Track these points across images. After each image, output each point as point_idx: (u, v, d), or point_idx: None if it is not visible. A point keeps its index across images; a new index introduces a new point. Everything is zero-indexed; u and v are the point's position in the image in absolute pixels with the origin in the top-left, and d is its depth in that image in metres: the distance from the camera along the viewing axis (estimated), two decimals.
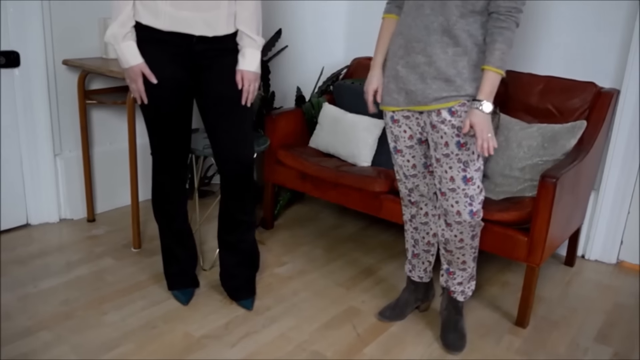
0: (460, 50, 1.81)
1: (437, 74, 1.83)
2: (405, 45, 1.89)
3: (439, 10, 1.81)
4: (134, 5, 1.93)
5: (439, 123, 1.87)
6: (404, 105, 1.94)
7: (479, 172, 1.91)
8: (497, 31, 1.76)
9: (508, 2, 1.74)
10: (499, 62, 1.76)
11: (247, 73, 2.02)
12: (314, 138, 3.00)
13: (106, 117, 3.05)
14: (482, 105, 1.76)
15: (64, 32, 2.78)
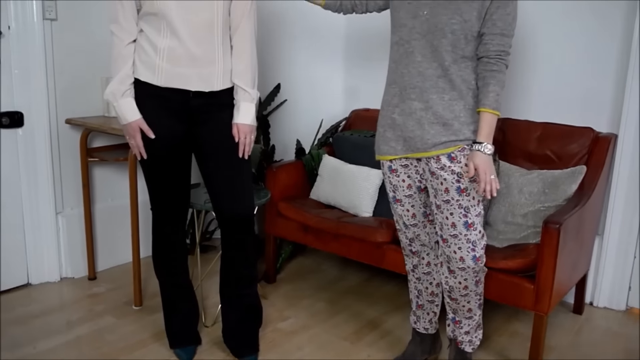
0: (456, 94, 1.85)
1: (435, 119, 1.86)
2: (399, 93, 1.92)
3: (431, 57, 1.85)
4: (134, 62, 1.98)
5: (439, 169, 1.87)
6: (403, 152, 1.95)
7: (479, 217, 1.90)
8: (489, 74, 1.81)
9: (496, 45, 1.80)
10: (494, 103, 1.80)
11: (242, 126, 2.05)
12: (315, 190, 3.01)
13: (108, 173, 3.07)
14: (483, 146, 1.79)
15: (67, 91, 2.83)
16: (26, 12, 2.62)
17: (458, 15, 1.79)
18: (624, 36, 2.55)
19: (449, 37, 1.81)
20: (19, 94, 2.68)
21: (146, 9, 1.92)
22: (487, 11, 1.79)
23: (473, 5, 1.78)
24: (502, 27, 1.79)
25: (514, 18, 1.81)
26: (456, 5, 1.80)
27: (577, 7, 2.63)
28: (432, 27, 1.82)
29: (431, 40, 1.83)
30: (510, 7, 1.79)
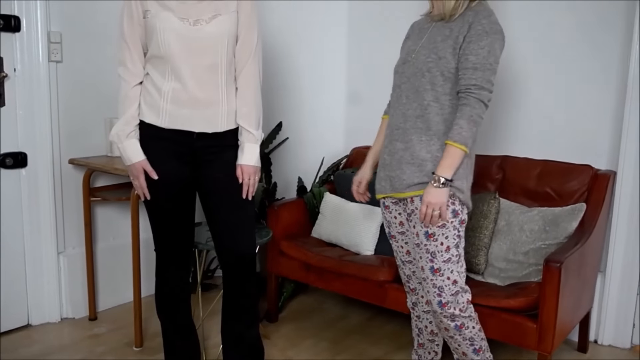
0: (432, 134, 1.86)
1: (412, 159, 1.88)
2: (389, 134, 1.98)
3: (413, 97, 1.89)
4: (140, 104, 2.02)
5: (412, 212, 1.91)
6: (390, 192, 1.98)
7: (449, 264, 1.87)
8: (459, 108, 1.81)
9: (467, 79, 1.79)
10: (456, 136, 1.78)
11: (246, 167, 2.06)
12: (317, 228, 3.01)
13: (110, 212, 3.08)
14: (435, 177, 1.78)
15: (71, 131, 2.87)
16: (32, 55, 2.68)
17: (434, 53, 1.84)
18: (621, 73, 2.59)
19: (426, 76, 1.84)
20: (23, 135, 2.71)
21: (152, 51, 1.97)
22: (461, 47, 1.81)
23: (447, 43, 1.83)
24: (474, 61, 1.78)
25: (491, 52, 1.79)
26: (434, 45, 1.86)
27: (573, 45, 2.68)
28: (414, 69, 1.89)
29: (414, 81, 1.89)
30: (484, 41, 1.78)
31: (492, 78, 1.80)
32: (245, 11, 2.04)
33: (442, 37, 1.85)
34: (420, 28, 2.00)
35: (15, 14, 2.61)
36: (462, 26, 1.81)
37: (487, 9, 1.84)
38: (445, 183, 1.78)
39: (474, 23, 1.80)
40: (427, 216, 1.80)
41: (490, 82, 1.80)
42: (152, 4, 1.95)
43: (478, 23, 1.80)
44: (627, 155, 2.59)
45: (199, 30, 1.95)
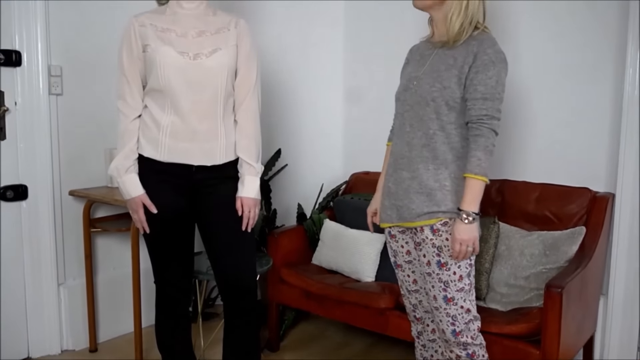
0: (439, 162, 1.85)
1: (420, 188, 1.87)
2: (393, 163, 1.97)
3: (417, 125, 1.88)
4: (138, 138, 2.03)
5: (422, 241, 1.89)
6: (396, 221, 1.96)
7: (462, 293, 1.87)
8: (472, 139, 1.80)
9: (478, 110, 1.79)
10: (476, 168, 1.77)
11: (246, 200, 2.07)
12: (317, 255, 3.01)
13: (110, 243, 3.08)
14: (463, 214, 1.78)
15: (71, 163, 2.88)
16: (33, 88, 2.70)
17: (438, 82, 1.83)
18: (616, 95, 2.60)
19: (431, 105, 1.84)
20: (23, 167, 2.73)
21: (151, 85, 1.99)
22: (467, 77, 1.81)
23: (452, 72, 1.82)
24: (483, 92, 1.79)
25: (498, 82, 1.80)
26: (438, 73, 1.85)
27: (570, 69, 2.70)
28: (417, 98, 1.88)
29: (417, 110, 1.88)
30: (491, 70, 1.79)
31: (500, 107, 1.82)
32: (245, 45, 2.07)
33: (446, 66, 1.84)
34: (421, 54, 1.99)
35: (17, 48, 2.65)
36: (467, 56, 1.81)
37: (491, 38, 1.84)
38: (474, 218, 1.78)
39: (479, 53, 1.80)
40: (460, 253, 1.78)
41: (499, 111, 1.82)
42: (152, 39, 1.98)
43: (484, 53, 1.80)
44: (625, 177, 2.59)
45: (199, 64, 1.97)
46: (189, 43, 2.00)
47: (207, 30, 2.04)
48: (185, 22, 2.03)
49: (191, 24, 2.03)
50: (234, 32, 2.07)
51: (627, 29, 2.49)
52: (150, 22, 2.01)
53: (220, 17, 2.09)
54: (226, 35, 2.05)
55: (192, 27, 2.03)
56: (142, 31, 1.99)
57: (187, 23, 2.03)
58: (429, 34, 2.05)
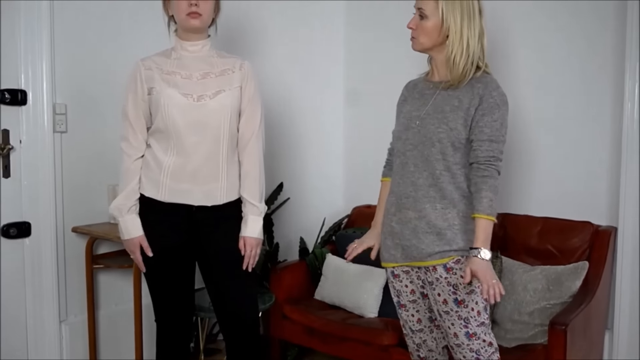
0: (447, 202, 1.86)
1: (429, 228, 1.87)
2: (396, 202, 1.96)
3: (423, 166, 1.89)
4: (140, 178, 2.05)
5: (435, 280, 1.88)
6: (402, 260, 1.96)
7: (482, 327, 1.87)
8: (480, 180, 1.82)
9: (485, 151, 1.81)
10: (488, 209, 1.79)
11: (249, 239, 2.08)
12: (319, 290, 3.00)
13: (112, 279, 3.08)
14: (480, 252, 1.77)
15: (74, 199, 2.89)
16: (37, 126, 2.73)
17: (444, 124, 1.85)
18: (615, 128, 2.62)
19: (437, 146, 1.85)
20: (27, 205, 2.74)
21: (156, 126, 2.02)
22: (473, 119, 1.83)
23: (458, 114, 1.84)
24: (489, 134, 1.81)
25: (503, 124, 1.84)
26: (443, 114, 1.87)
27: (569, 104, 2.73)
28: (422, 138, 1.88)
29: (422, 150, 1.88)
30: (497, 113, 1.82)
31: (503, 148, 1.86)
32: (249, 87, 2.10)
33: (451, 108, 1.86)
34: (421, 93, 2.00)
35: (22, 87, 2.68)
36: (473, 98, 1.83)
37: (494, 81, 1.88)
38: (490, 257, 1.78)
39: (485, 95, 1.83)
40: (490, 287, 1.72)
41: (502, 153, 1.85)
42: (158, 81, 2.01)
43: (489, 96, 1.83)
44: (627, 210, 2.59)
45: (203, 106, 2.00)
46: (193, 85, 2.03)
47: (211, 72, 2.07)
48: (190, 64, 2.07)
49: (196, 66, 2.07)
50: (239, 73, 2.10)
51: (625, 63, 2.52)
52: (156, 65, 2.06)
53: (224, 59, 2.13)
54: (230, 77, 2.08)
55: (196, 69, 2.06)
56: (147, 74, 2.04)
57: (191, 65, 2.07)
58: (426, 72, 2.07)
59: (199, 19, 2.01)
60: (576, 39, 2.68)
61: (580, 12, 2.66)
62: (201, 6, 2.00)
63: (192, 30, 2.05)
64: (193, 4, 1.98)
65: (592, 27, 2.64)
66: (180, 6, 2.00)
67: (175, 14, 2.05)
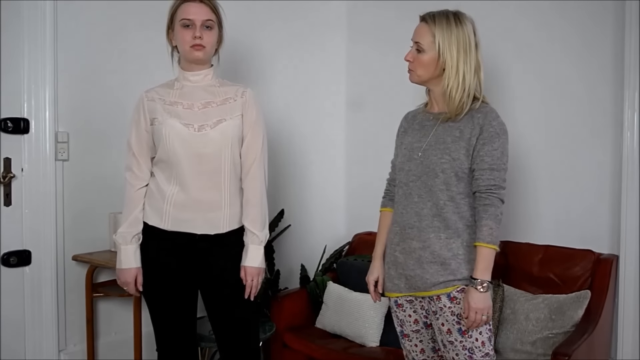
0: (452, 232, 1.87)
1: (433, 258, 1.88)
2: (400, 232, 1.96)
3: (426, 196, 1.90)
4: (144, 206, 2.07)
5: (439, 310, 1.88)
6: (405, 291, 1.96)
7: (487, 358, 1.87)
8: (482, 209, 1.84)
9: (487, 180, 1.84)
10: (488, 237, 1.81)
11: (250, 269, 2.08)
12: (320, 318, 2.98)
13: (112, 307, 3.06)
14: (478, 283, 1.79)
15: (75, 227, 2.89)
16: (39, 155, 2.74)
17: (447, 154, 1.87)
18: (615, 156, 2.62)
19: (440, 177, 1.87)
20: (28, 233, 2.74)
21: (159, 156, 2.04)
22: (474, 148, 1.86)
23: (460, 144, 1.87)
24: (490, 162, 1.84)
25: (503, 153, 1.87)
26: (445, 145, 1.89)
27: (569, 130, 2.74)
28: (425, 169, 1.90)
29: (425, 180, 1.90)
30: (497, 142, 1.85)
31: (505, 177, 1.88)
32: (250, 114, 2.11)
33: (453, 139, 1.88)
34: (421, 124, 2.02)
35: (25, 116, 2.70)
36: (474, 128, 1.86)
37: (494, 110, 1.91)
38: (488, 286, 1.80)
39: (485, 125, 1.86)
40: (475, 322, 1.79)
41: (504, 181, 1.88)
42: (160, 112, 2.04)
43: (489, 125, 1.86)
44: (628, 238, 2.58)
45: (204, 135, 2.02)
46: (194, 115, 2.05)
47: (213, 101, 2.09)
48: (192, 94, 2.09)
49: (198, 95, 2.09)
50: (240, 101, 2.12)
51: (623, 92, 2.54)
52: (159, 96, 2.08)
53: (226, 88, 2.15)
54: (232, 105, 2.10)
55: (198, 98, 2.08)
56: (150, 105, 2.06)
57: (193, 95, 2.09)
58: (424, 103, 2.09)
59: (202, 50, 2.04)
60: (575, 71, 2.71)
61: (578, 44, 2.69)
62: (205, 38, 2.03)
63: (195, 61, 2.08)
64: (197, 37, 2.01)
65: (591, 58, 2.66)
66: (185, 38, 2.03)
67: (179, 45, 2.07)
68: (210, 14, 2.05)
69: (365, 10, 3.44)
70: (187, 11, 2.02)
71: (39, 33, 2.71)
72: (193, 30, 2.02)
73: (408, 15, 2.11)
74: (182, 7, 2.03)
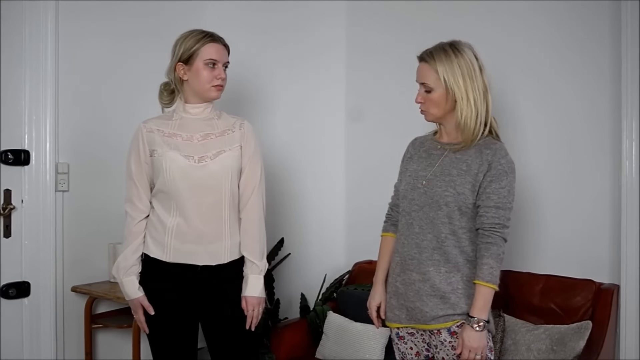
0: (452, 266, 1.87)
1: (432, 291, 1.87)
2: (401, 262, 1.96)
3: (428, 228, 1.89)
4: (145, 238, 2.07)
5: (439, 343, 1.87)
6: (406, 322, 1.95)
7: None
8: (484, 247, 1.83)
9: (491, 218, 1.83)
10: (488, 276, 1.80)
11: (250, 299, 2.09)
12: (320, 349, 2.96)
13: (111, 339, 3.04)
14: (474, 322, 1.78)
15: (74, 259, 2.89)
16: (40, 186, 2.76)
17: (451, 187, 1.87)
18: (614, 185, 2.63)
19: (443, 209, 1.87)
20: (27, 264, 2.73)
21: (158, 187, 2.06)
22: (481, 185, 1.85)
23: (466, 179, 1.86)
24: (496, 200, 1.83)
25: (510, 191, 1.86)
26: (450, 178, 1.88)
27: (568, 160, 2.75)
28: (428, 200, 1.90)
29: (428, 212, 1.89)
30: (504, 181, 1.85)
31: (510, 216, 1.86)
32: (249, 146, 2.14)
33: (459, 171, 1.88)
34: (428, 152, 2.01)
35: (26, 148, 2.72)
36: (482, 164, 1.85)
37: (503, 148, 1.90)
38: (485, 325, 1.79)
39: (493, 162, 1.85)
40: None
41: (509, 220, 1.86)
42: (160, 144, 2.05)
43: (498, 163, 1.85)
44: (629, 267, 2.56)
45: (204, 167, 2.04)
46: (194, 147, 2.07)
47: (212, 133, 2.11)
48: (191, 126, 2.11)
49: (197, 127, 2.11)
50: (239, 133, 2.14)
51: (621, 122, 2.55)
52: (158, 127, 2.10)
53: (225, 120, 2.17)
54: (231, 136, 2.12)
55: (197, 130, 2.10)
56: (149, 137, 2.08)
57: (192, 127, 2.11)
58: (434, 131, 2.08)
59: (222, 90, 2.10)
60: (574, 102, 2.72)
61: (575, 71, 2.71)
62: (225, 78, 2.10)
63: (211, 99, 2.13)
64: (221, 78, 2.08)
65: (590, 88, 2.68)
66: (206, 77, 2.06)
67: (197, 82, 2.07)
68: (227, 56, 2.13)
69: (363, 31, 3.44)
70: (214, 52, 2.06)
71: (40, 65, 2.74)
72: (217, 70, 2.07)
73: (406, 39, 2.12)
74: (209, 47, 2.06)
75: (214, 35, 2.10)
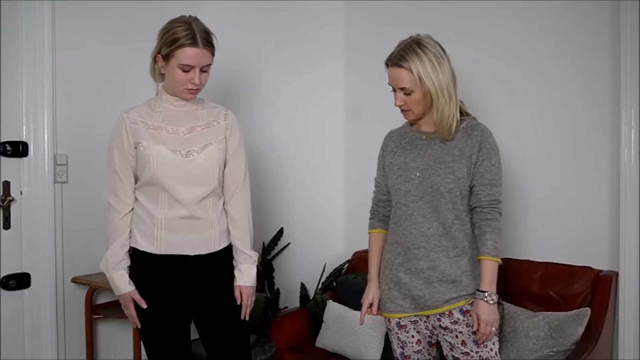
0: (460, 250, 1.91)
1: (443, 277, 1.90)
2: (404, 253, 1.96)
3: (432, 216, 1.91)
4: (132, 232, 2.06)
5: (452, 324, 1.90)
6: (411, 311, 1.97)
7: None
8: (484, 223, 1.89)
9: (488, 195, 1.90)
10: (493, 250, 1.87)
11: (245, 288, 2.11)
12: (320, 337, 2.97)
13: (111, 329, 3.05)
14: (486, 295, 1.83)
15: (74, 249, 2.89)
16: (38, 178, 2.75)
17: (450, 174, 1.89)
18: (613, 172, 2.62)
19: (446, 196, 1.90)
20: (27, 256, 2.74)
21: (144, 180, 2.03)
22: (475, 165, 1.90)
23: (462, 163, 1.90)
24: (489, 178, 1.90)
25: (499, 168, 1.94)
26: (446, 165, 1.90)
27: (567, 146, 2.75)
28: (427, 189, 1.91)
29: (429, 201, 1.91)
30: (494, 158, 1.92)
31: (501, 191, 1.94)
32: (233, 140, 2.14)
33: (453, 157, 1.91)
34: (412, 143, 2.02)
35: (24, 139, 2.71)
36: (473, 146, 1.91)
37: (487, 128, 1.97)
38: (496, 299, 1.85)
39: (483, 142, 1.91)
40: (485, 335, 1.83)
41: (501, 195, 1.94)
42: (145, 137, 2.03)
43: (487, 142, 1.92)
44: (627, 254, 2.57)
45: (191, 161, 2.03)
46: (180, 140, 2.05)
47: (197, 125, 2.10)
48: (175, 118, 2.08)
49: (181, 120, 2.08)
50: (223, 124, 2.14)
51: (620, 109, 2.55)
52: (142, 119, 2.06)
53: (209, 110, 2.15)
54: (216, 128, 2.12)
55: (182, 123, 2.08)
56: (133, 128, 2.04)
57: (177, 120, 2.08)
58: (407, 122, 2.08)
59: (195, 93, 2.06)
60: (573, 90, 2.72)
61: (574, 60, 2.71)
62: (201, 81, 2.03)
63: (184, 99, 2.08)
64: (194, 83, 2.00)
65: (588, 77, 2.68)
66: (180, 79, 1.99)
67: (172, 81, 2.02)
68: (209, 58, 2.02)
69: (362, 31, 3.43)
70: (188, 57, 1.96)
71: (38, 56, 2.73)
72: (191, 75, 1.98)
73: None
74: (183, 51, 1.95)
75: (196, 37, 1.95)
